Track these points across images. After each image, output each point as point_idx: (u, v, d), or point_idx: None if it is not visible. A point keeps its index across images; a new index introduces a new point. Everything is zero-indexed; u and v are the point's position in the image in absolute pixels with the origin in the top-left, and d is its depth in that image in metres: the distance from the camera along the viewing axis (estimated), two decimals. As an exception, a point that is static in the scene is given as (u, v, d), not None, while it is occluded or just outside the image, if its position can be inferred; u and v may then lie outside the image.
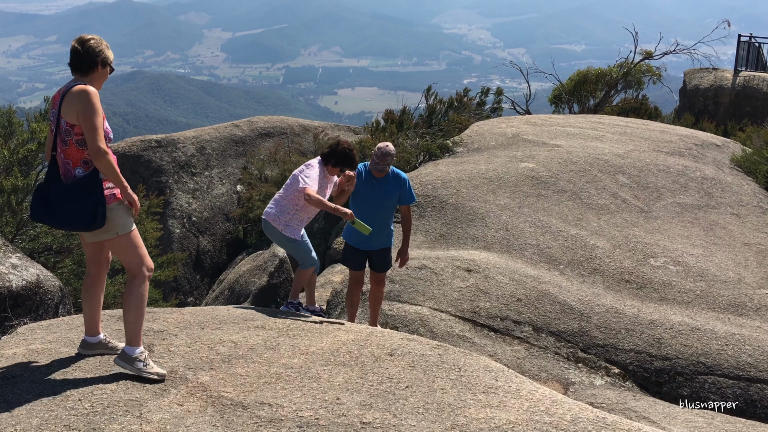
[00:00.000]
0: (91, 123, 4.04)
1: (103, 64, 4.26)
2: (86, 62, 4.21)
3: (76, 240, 9.66)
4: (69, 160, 4.15)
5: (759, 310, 7.85)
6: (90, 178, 4.11)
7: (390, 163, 6.47)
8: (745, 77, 19.25)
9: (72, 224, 4.14)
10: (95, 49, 4.21)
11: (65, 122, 4.12)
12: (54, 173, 4.16)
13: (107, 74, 4.33)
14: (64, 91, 4.17)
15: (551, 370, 6.79)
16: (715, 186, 11.10)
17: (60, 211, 4.11)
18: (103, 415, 3.84)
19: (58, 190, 4.11)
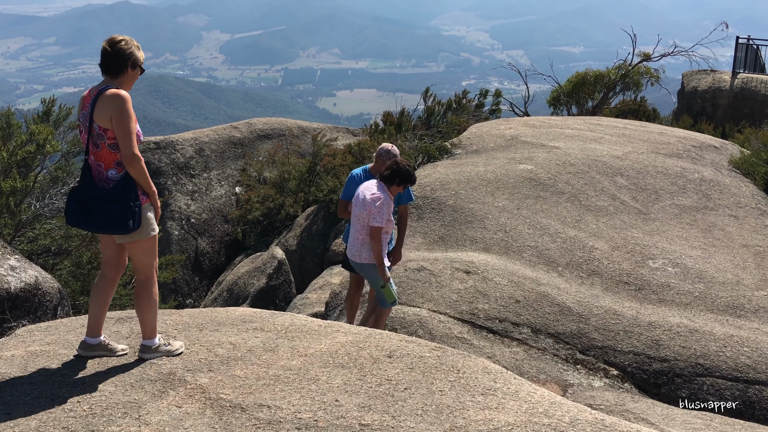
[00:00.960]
0: (125, 128, 4.08)
1: (133, 65, 4.27)
2: (116, 64, 4.22)
3: (74, 242, 9.65)
4: (101, 162, 4.19)
5: (757, 311, 7.86)
6: (125, 182, 4.15)
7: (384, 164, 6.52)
8: (743, 79, 19.28)
9: (111, 228, 4.18)
10: (125, 50, 4.22)
11: (98, 126, 4.14)
12: (87, 177, 4.19)
13: (137, 75, 4.34)
14: (96, 94, 4.17)
15: (550, 371, 6.79)
16: (714, 188, 11.11)
17: (100, 215, 4.14)
18: (101, 417, 3.84)
19: (96, 195, 4.14)
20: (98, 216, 4.14)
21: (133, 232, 4.20)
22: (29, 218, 9.28)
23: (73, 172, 10.32)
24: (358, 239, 6.22)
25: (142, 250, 4.33)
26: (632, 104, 21.06)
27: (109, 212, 4.12)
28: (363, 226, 6.19)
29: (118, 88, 4.22)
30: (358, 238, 6.22)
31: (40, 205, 9.54)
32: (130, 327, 5.18)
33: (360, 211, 6.20)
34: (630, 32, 22.40)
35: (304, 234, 13.00)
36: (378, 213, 6.07)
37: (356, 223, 6.22)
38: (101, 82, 4.29)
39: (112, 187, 4.13)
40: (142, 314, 4.40)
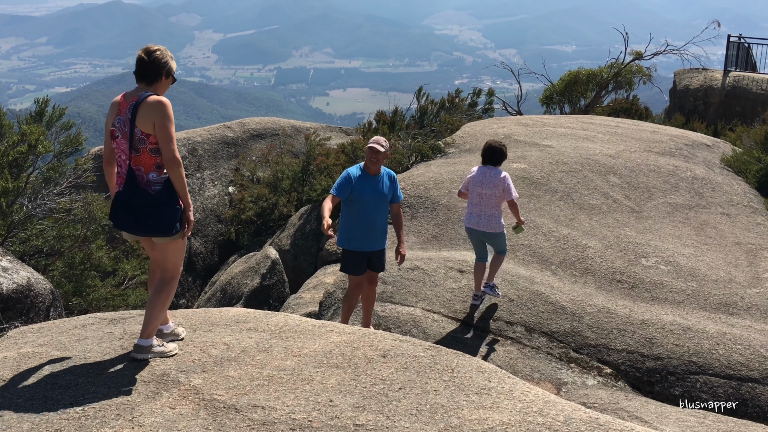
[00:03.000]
0: (167, 133, 4.24)
1: (167, 74, 4.42)
2: (152, 72, 4.36)
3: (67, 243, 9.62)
4: (140, 166, 4.31)
5: (750, 309, 7.89)
6: (170, 186, 4.31)
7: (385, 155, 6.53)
8: (734, 77, 19.35)
9: (160, 231, 4.35)
10: (161, 60, 4.37)
11: (140, 131, 4.27)
12: (132, 182, 4.31)
13: (170, 84, 4.49)
14: (137, 101, 4.28)
15: (544, 370, 6.80)
16: (706, 186, 11.15)
17: (151, 220, 4.31)
18: (94, 419, 3.83)
19: (146, 200, 4.29)
20: (149, 221, 4.31)
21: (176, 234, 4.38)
22: (21, 219, 9.24)
23: (66, 172, 10.28)
24: (486, 213, 7.42)
25: (174, 251, 4.48)
26: (624, 103, 21.12)
27: (159, 217, 4.29)
28: (495, 202, 7.39)
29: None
30: (486, 212, 7.42)
31: (32, 206, 9.50)
32: (123, 328, 5.16)
33: (489, 191, 7.38)
34: (622, 31, 22.46)
35: (298, 234, 12.99)
36: (512, 185, 7.39)
37: (485, 201, 7.40)
38: (135, 89, 4.42)
39: (158, 193, 4.29)
40: (153, 311, 4.43)
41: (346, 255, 6.69)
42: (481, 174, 7.50)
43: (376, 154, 6.47)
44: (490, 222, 7.40)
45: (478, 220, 7.45)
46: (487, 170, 7.48)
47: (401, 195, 6.76)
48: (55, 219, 9.77)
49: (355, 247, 6.60)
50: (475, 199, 7.48)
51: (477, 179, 7.49)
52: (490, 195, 7.38)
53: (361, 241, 6.58)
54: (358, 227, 6.56)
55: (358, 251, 6.61)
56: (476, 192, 7.46)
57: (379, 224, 6.60)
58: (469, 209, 7.56)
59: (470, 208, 7.55)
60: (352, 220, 6.58)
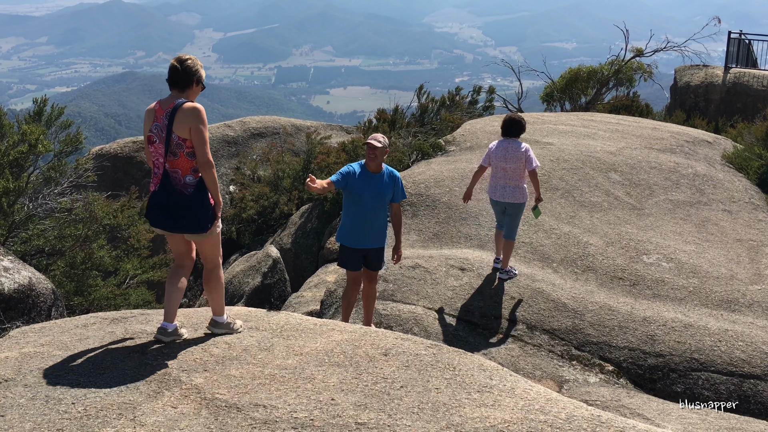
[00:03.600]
0: (202, 137, 4.53)
1: (197, 81, 4.71)
2: (184, 79, 4.64)
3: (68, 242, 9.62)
4: (177, 169, 4.60)
5: (751, 306, 7.88)
6: (202, 188, 4.60)
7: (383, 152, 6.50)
8: (735, 74, 19.31)
9: (192, 229, 4.66)
10: (192, 68, 4.66)
11: (177, 136, 4.55)
12: (167, 183, 4.59)
13: (200, 90, 4.77)
14: (174, 108, 4.56)
15: (545, 368, 6.80)
16: (707, 182, 11.14)
17: (185, 220, 4.60)
18: (96, 419, 3.83)
19: (181, 202, 4.58)
20: (183, 221, 4.60)
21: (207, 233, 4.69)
22: (22, 219, 9.24)
23: (66, 172, 10.27)
24: (511, 185, 7.78)
25: (210, 246, 4.84)
26: (625, 100, 21.08)
27: (192, 217, 4.59)
28: (519, 174, 7.74)
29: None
30: (511, 184, 7.78)
31: (33, 206, 9.50)
32: (124, 327, 5.16)
33: (512, 164, 7.71)
34: (622, 28, 22.42)
35: (299, 232, 12.98)
36: (533, 156, 7.72)
37: (510, 174, 7.74)
38: (169, 96, 4.69)
39: (192, 194, 4.58)
40: (212, 295, 4.93)
41: (342, 250, 6.73)
42: (502, 149, 7.81)
43: (373, 149, 6.45)
44: (515, 193, 7.80)
45: (503, 192, 7.84)
46: (508, 144, 7.81)
47: (404, 194, 6.73)
48: (56, 219, 9.76)
49: (351, 244, 6.61)
50: (500, 173, 7.83)
51: (499, 154, 7.81)
52: (514, 168, 7.75)
53: (356, 237, 6.58)
54: (355, 224, 6.57)
55: (354, 248, 6.62)
56: (500, 167, 7.81)
57: (376, 223, 6.59)
58: (493, 182, 7.93)
59: (494, 181, 7.92)
60: (349, 217, 6.60)
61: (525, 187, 7.87)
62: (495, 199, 7.98)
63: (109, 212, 10.07)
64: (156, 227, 4.71)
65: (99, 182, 12.12)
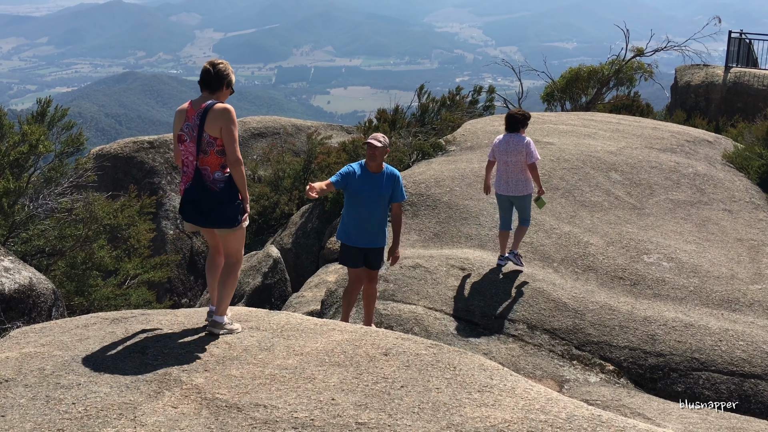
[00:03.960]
0: (232, 136, 4.78)
1: (227, 85, 4.95)
2: (215, 82, 4.88)
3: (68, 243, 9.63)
4: (206, 166, 4.84)
5: (752, 305, 7.88)
6: (231, 185, 4.84)
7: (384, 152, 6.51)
8: (736, 73, 19.30)
9: (223, 224, 4.88)
10: (223, 72, 4.90)
11: (208, 135, 4.80)
12: (199, 180, 4.83)
13: (229, 94, 5.02)
14: (206, 108, 4.80)
15: (546, 367, 6.80)
16: (708, 182, 11.13)
17: (215, 214, 4.84)
18: (96, 419, 3.83)
19: (211, 198, 4.81)
20: (213, 215, 4.84)
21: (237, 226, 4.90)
22: (23, 219, 9.25)
23: (67, 172, 10.28)
24: (514, 178, 8.01)
25: (235, 239, 5.01)
26: (626, 99, 21.07)
27: (223, 212, 4.82)
28: (520, 167, 7.97)
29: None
30: (513, 177, 8.01)
31: (33, 206, 9.51)
32: (125, 327, 5.16)
33: (514, 157, 7.96)
34: (623, 27, 22.40)
35: (299, 232, 12.99)
36: (534, 150, 7.99)
37: (511, 168, 7.98)
38: (200, 97, 4.92)
39: (221, 190, 4.81)
40: (224, 290, 5.00)
41: (343, 248, 6.76)
42: (505, 142, 8.09)
43: (373, 149, 6.46)
44: (518, 186, 8.04)
45: (507, 186, 8.08)
46: (510, 138, 8.08)
47: (404, 195, 6.73)
48: (56, 219, 9.77)
49: (351, 243, 6.64)
50: (503, 167, 8.09)
51: (502, 147, 8.09)
52: (516, 161, 7.99)
53: (357, 237, 6.61)
54: (354, 223, 6.59)
55: (354, 246, 6.65)
56: (503, 160, 8.08)
57: (376, 222, 6.59)
58: (498, 175, 8.17)
59: (498, 175, 8.16)
60: (350, 216, 6.63)
61: (529, 180, 8.07)
62: (500, 192, 8.19)
63: (109, 212, 10.08)
64: (188, 221, 4.98)
65: (99, 182, 12.12)
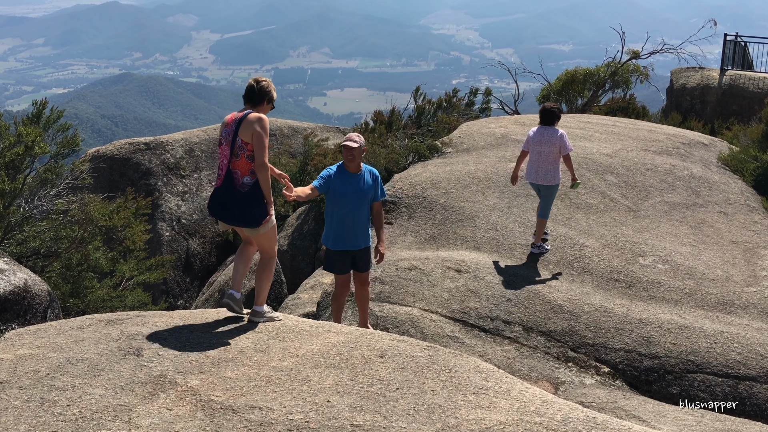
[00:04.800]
0: (261, 142, 5.10)
1: (268, 101, 5.38)
2: (258, 97, 5.32)
3: (64, 244, 9.61)
4: (237, 170, 5.18)
5: (747, 307, 7.90)
6: (257, 189, 5.16)
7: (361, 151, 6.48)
8: (731, 76, 19.36)
9: (246, 223, 5.22)
10: (266, 89, 5.35)
11: (240, 140, 5.15)
12: (229, 181, 5.18)
13: (269, 109, 5.43)
14: (241, 117, 5.19)
15: (541, 369, 6.81)
16: (703, 184, 11.16)
17: (237, 212, 5.18)
18: (91, 421, 3.82)
19: (239, 198, 5.15)
20: (237, 213, 5.18)
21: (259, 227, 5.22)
22: (18, 220, 9.23)
23: (63, 174, 10.26)
24: (544, 168, 8.50)
25: (266, 239, 5.39)
26: (621, 102, 21.11)
27: (245, 213, 5.17)
28: (552, 158, 8.46)
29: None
30: (544, 167, 8.49)
31: (29, 207, 9.49)
32: (120, 329, 5.15)
33: (547, 148, 8.45)
34: (619, 30, 22.45)
35: (296, 234, 12.98)
36: (568, 142, 8.45)
37: (543, 158, 8.46)
38: (242, 109, 5.34)
39: (247, 192, 5.15)
40: (261, 284, 5.44)
41: (329, 254, 6.68)
42: (539, 134, 8.58)
43: (350, 151, 6.43)
44: (546, 176, 8.52)
45: (536, 175, 8.57)
46: (545, 130, 8.56)
47: (384, 193, 6.76)
48: (52, 220, 9.75)
49: (338, 246, 6.57)
50: (535, 157, 8.57)
51: (536, 138, 8.57)
52: (548, 152, 8.47)
53: (343, 239, 6.55)
54: (342, 226, 6.53)
55: (342, 250, 6.60)
56: (536, 150, 8.55)
57: (360, 223, 6.57)
58: (529, 165, 8.66)
59: (530, 164, 8.65)
60: (334, 219, 6.54)
61: (558, 171, 8.53)
62: (530, 181, 8.70)
63: (105, 214, 10.06)
64: (214, 216, 5.34)
65: (95, 184, 12.10)
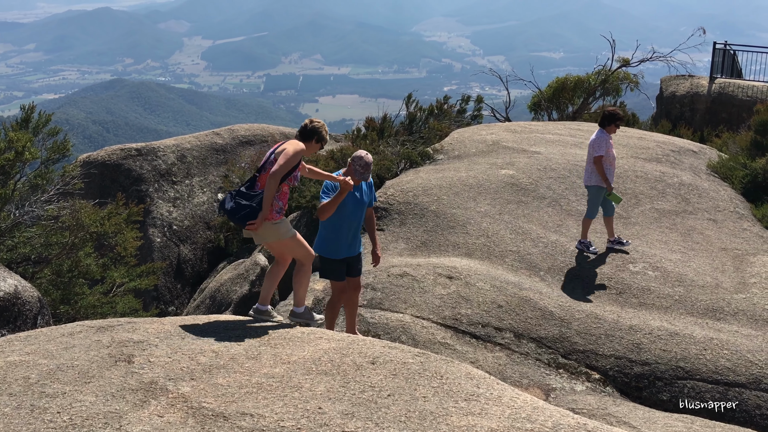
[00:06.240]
0: (285, 157, 5.51)
1: (317, 140, 5.84)
2: (308, 135, 5.80)
3: (54, 250, 9.58)
4: (259, 183, 5.62)
5: (736, 314, 7.94)
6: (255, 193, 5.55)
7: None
8: (720, 84, 19.50)
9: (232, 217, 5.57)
10: (316, 129, 5.82)
11: (273, 156, 5.63)
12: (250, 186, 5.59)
13: (317, 148, 5.90)
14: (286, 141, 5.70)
15: (532, 376, 6.82)
16: (692, 192, 11.23)
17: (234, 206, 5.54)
18: (82, 428, 3.81)
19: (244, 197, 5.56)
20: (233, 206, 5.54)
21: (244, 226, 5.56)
22: (8, 226, 9.19)
23: (53, 179, 10.23)
24: (585, 169, 9.02)
25: (290, 248, 5.80)
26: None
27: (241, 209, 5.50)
28: (590, 159, 8.86)
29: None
30: (586, 168, 9.00)
31: (19, 213, 9.45)
32: (111, 336, 5.14)
33: (588, 150, 8.91)
34: (609, 38, 22.59)
35: (287, 240, 12.95)
36: (598, 145, 8.78)
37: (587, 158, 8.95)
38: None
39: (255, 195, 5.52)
40: (297, 287, 5.87)
41: (327, 262, 6.65)
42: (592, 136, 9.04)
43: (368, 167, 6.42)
44: (585, 176, 9.03)
45: (583, 175, 9.23)
46: (596, 132, 8.99)
47: (375, 198, 6.87)
48: (42, 226, 9.71)
49: (336, 255, 6.55)
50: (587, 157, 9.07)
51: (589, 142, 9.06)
52: (589, 154, 8.92)
53: (341, 247, 6.55)
54: (341, 234, 6.52)
55: (337, 259, 6.59)
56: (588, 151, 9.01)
57: (356, 230, 6.62)
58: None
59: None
60: (334, 228, 6.53)
61: (594, 172, 8.84)
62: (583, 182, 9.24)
63: (96, 220, 10.02)
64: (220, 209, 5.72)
65: (86, 190, 12.07)
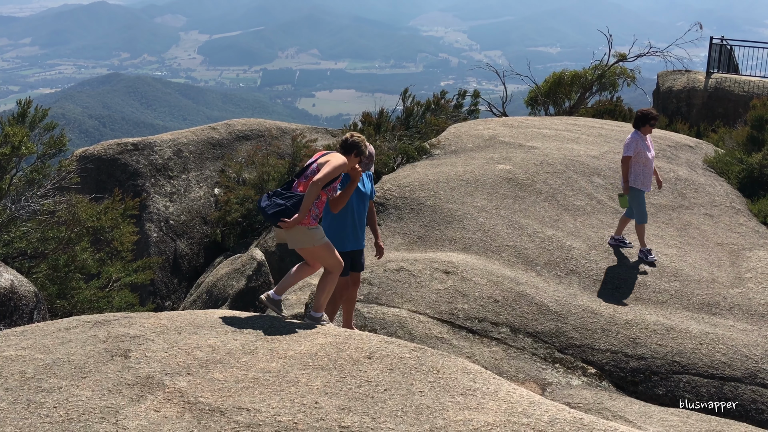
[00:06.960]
0: (328, 167, 5.67)
1: (356, 154, 6.00)
2: (348, 148, 5.98)
3: (51, 245, 9.56)
4: (299, 189, 5.78)
5: (732, 309, 7.97)
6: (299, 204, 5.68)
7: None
8: (717, 79, 19.51)
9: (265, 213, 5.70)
10: (356, 143, 6.00)
11: (315, 165, 5.81)
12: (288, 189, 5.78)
13: (356, 162, 6.04)
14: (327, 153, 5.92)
15: (529, 370, 6.84)
16: (689, 187, 11.24)
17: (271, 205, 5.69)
18: (78, 423, 3.81)
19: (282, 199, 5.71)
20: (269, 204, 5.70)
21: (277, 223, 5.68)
22: (4, 221, 9.17)
23: (49, 174, 10.20)
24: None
25: (321, 256, 5.87)
26: (608, 104, 21.23)
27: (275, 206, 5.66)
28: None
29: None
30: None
31: (15, 208, 9.43)
32: (107, 330, 5.14)
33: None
34: (606, 33, 22.59)
35: (284, 235, 12.93)
36: (626, 145, 8.83)
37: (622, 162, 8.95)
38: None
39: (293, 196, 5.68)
40: (318, 293, 5.95)
41: None
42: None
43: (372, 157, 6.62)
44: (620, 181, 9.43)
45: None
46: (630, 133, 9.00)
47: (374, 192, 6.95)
48: (39, 221, 9.69)
49: (349, 248, 6.56)
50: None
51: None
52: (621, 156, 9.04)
53: (348, 241, 6.57)
54: (346, 226, 6.54)
55: (345, 252, 6.60)
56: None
57: (361, 223, 6.62)
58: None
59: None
60: (339, 220, 6.55)
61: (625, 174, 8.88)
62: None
63: (92, 214, 10.00)
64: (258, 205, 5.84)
65: (82, 184, 12.04)
